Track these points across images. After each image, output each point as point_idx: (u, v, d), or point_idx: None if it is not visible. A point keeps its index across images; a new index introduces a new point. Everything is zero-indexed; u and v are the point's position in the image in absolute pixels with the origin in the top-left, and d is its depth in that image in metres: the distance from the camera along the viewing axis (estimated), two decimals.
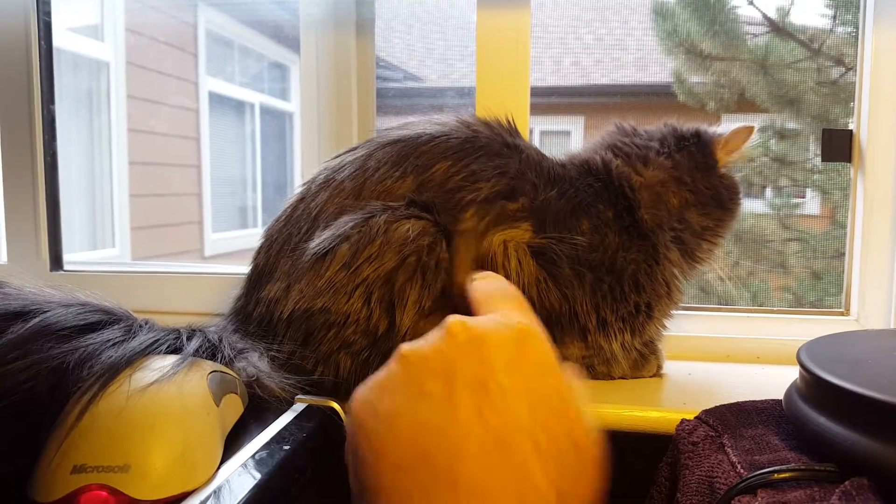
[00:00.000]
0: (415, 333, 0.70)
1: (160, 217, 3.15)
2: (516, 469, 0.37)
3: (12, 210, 1.15)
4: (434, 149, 0.76)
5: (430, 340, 0.42)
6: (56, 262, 1.17)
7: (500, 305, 0.48)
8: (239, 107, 3.64)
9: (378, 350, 0.71)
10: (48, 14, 1.15)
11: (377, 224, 0.70)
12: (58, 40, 1.18)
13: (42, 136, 1.15)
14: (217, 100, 3.42)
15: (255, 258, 0.80)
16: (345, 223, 0.72)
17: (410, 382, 0.40)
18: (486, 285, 0.52)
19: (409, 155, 0.76)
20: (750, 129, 0.82)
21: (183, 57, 3.24)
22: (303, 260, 0.72)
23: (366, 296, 0.70)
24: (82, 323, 0.59)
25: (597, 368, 0.80)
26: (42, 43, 1.14)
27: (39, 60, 1.14)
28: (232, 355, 0.68)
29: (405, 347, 0.43)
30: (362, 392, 0.44)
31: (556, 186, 0.76)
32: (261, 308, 0.75)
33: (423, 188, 0.74)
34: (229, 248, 3.40)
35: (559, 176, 0.78)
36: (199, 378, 0.58)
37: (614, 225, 0.77)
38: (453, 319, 0.43)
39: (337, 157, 0.80)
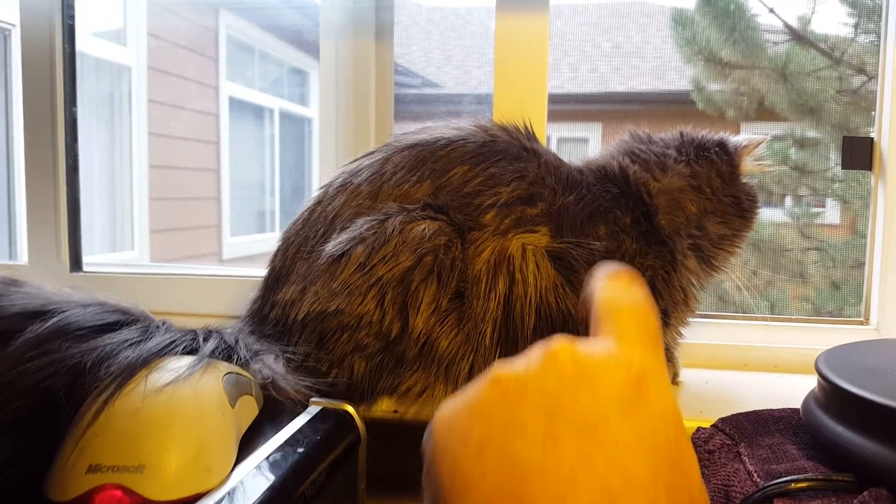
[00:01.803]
0: (430, 337, 0.70)
1: (179, 220, 3.18)
2: None
3: (34, 211, 1.17)
4: (451, 153, 0.76)
5: (531, 364, 0.36)
6: (76, 263, 1.18)
7: (625, 327, 0.38)
8: (258, 112, 3.67)
9: (391, 354, 0.71)
10: (72, 17, 1.16)
11: (393, 225, 0.71)
12: (81, 45, 1.19)
13: (64, 138, 1.16)
14: (237, 105, 3.45)
15: (273, 261, 0.80)
16: (360, 225, 0.72)
17: (505, 411, 0.35)
18: (615, 292, 0.41)
19: (426, 159, 0.76)
20: (763, 140, 0.82)
21: (204, 62, 3.27)
22: (318, 262, 0.73)
23: (379, 297, 0.70)
24: (100, 323, 0.60)
25: None
26: (66, 45, 1.16)
27: (63, 62, 1.15)
28: (248, 356, 0.68)
29: (500, 368, 0.36)
30: (447, 412, 0.37)
31: (574, 191, 0.76)
32: (277, 310, 0.75)
33: (439, 192, 0.74)
34: (247, 252, 3.42)
35: (577, 181, 0.78)
36: (214, 379, 0.58)
37: (631, 231, 0.76)
38: (560, 343, 0.36)
39: (355, 161, 0.81)
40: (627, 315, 0.39)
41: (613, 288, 0.41)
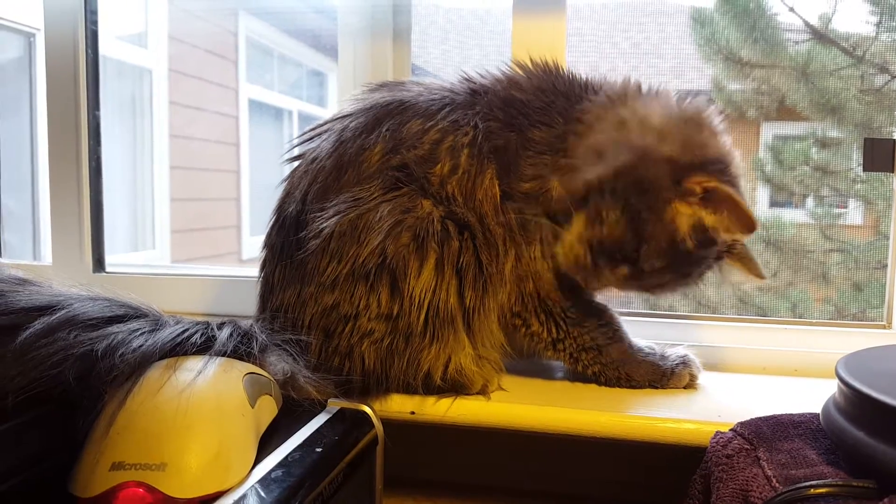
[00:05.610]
0: (433, 298, 0.72)
1: (200, 220, 3.20)
2: None
3: (58, 213, 1.18)
4: (408, 109, 0.78)
5: None
6: (98, 264, 1.20)
7: None
8: (277, 114, 3.68)
9: (398, 332, 0.72)
10: (95, 23, 1.18)
11: (358, 216, 0.73)
12: (103, 48, 1.21)
13: (88, 142, 1.17)
14: (256, 107, 3.46)
15: (263, 270, 0.82)
16: (329, 217, 0.74)
17: None
18: None
19: (382, 119, 0.78)
20: None
21: (223, 64, 3.29)
22: (303, 262, 0.75)
23: (366, 278, 0.72)
24: (109, 314, 0.61)
25: (608, 373, 0.79)
26: (89, 51, 1.17)
27: (86, 68, 1.17)
28: (267, 342, 0.69)
29: None
30: None
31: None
32: (279, 318, 0.77)
33: (398, 148, 0.76)
34: None
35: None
36: (234, 379, 0.59)
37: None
38: None
39: (311, 134, 0.84)
40: None
41: None
